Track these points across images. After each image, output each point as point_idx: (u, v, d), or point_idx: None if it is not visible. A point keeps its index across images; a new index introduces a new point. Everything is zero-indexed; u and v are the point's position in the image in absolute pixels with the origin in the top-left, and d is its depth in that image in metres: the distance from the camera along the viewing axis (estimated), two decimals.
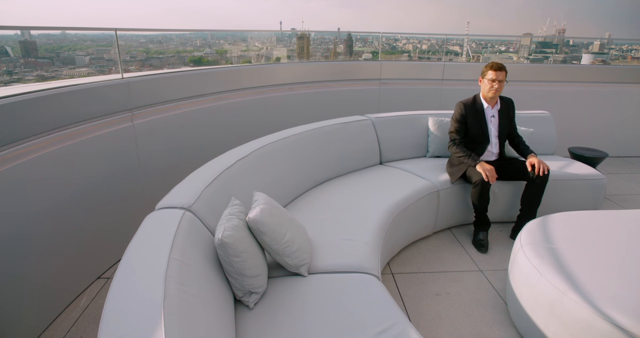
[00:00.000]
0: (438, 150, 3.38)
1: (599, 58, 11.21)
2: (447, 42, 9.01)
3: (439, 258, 2.71)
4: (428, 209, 2.82)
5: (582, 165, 3.33)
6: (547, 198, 3.06)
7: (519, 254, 2.12)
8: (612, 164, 4.78)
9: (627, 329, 1.55)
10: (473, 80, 4.72)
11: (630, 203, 3.65)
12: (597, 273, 1.84)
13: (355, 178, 2.93)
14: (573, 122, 4.87)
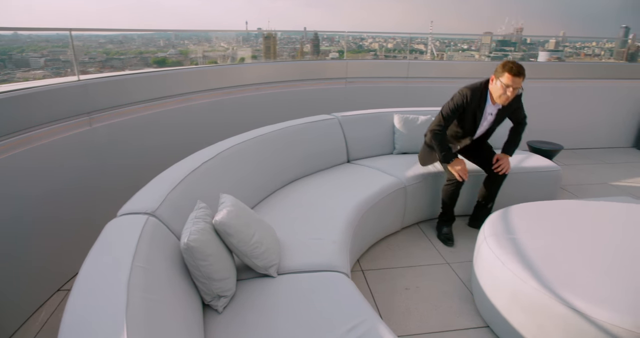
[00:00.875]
0: (405, 147, 3.45)
1: (554, 55, 11.70)
2: (412, 40, 9.14)
3: (408, 253, 2.77)
4: (396, 205, 2.87)
5: (540, 157, 3.48)
6: (508, 190, 3.18)
7: (482, 246, 2.19)
8: (567, 156, 5.01)
9: (583, 312, 1.64)
10: (436, 78, 4.83)
11: (583, 193, 3.84)
12: (555, 261, 1.93)
13: (323, 177, 2.95)
14: (531, 116, 5.05)
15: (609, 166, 4.73)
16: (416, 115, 3.49)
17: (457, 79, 4.87)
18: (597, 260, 1.93)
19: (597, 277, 1.80)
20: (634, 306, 1.62)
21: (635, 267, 1.88)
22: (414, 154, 3.44)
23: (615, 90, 5.35)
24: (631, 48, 11.55)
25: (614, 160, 4.98)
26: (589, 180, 4.25)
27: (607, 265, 1.89)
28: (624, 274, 1.82)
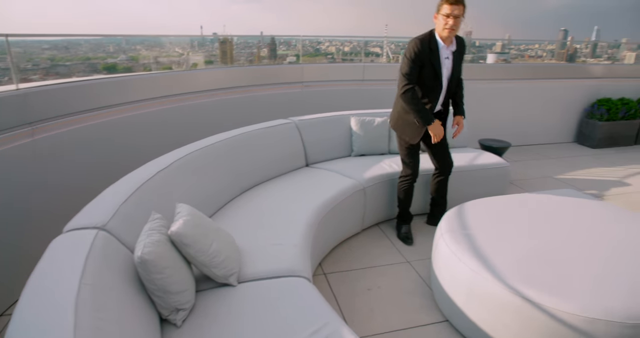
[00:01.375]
0: (362, 149, 3.50)
1: (501, 57, 12.29)
2: (368, 44, 9.28)
3: (369, 254, 2.81)
4: (355, 207, 2.91)
5: (490, 155, 3.65)
6: (463, 187, 3.32)
7: (439, 242, 2.27)
8: (515, 152, 5.28)
9: (534, 301, 1.73)
10: (391, 80, 4.93)
11: (531, 186, 4.06)
12: (508, 253, 2.02)
13: (283, 182, 2.94)
14: (482, 116, 5.30)
15: (553, 160, 5.02)
16: (372, 117, 3.55)
17: None
18: (545, 250, 2.04)
19: (546, 266, 1.91)
20: (579, 292, 1.73)
21: (580, 254, 2.00)
22: (372, 155, 3.50)
23: (557, 89, 5.69)
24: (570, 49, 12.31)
25: (558, 154, 5.30)
26: (536, 174, 4.49)
27: (555, 254, 2.00)
28: (570, 262, 1.94)
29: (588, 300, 1.69)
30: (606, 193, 3.99)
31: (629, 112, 5.63)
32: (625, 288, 1.75)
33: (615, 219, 2.39)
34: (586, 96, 5.83)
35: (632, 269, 1.88)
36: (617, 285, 1.77)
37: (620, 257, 1.98)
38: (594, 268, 1.89)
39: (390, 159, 3.38)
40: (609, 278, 1.81)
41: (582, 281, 1.80)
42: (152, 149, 3.09)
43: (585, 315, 1.65)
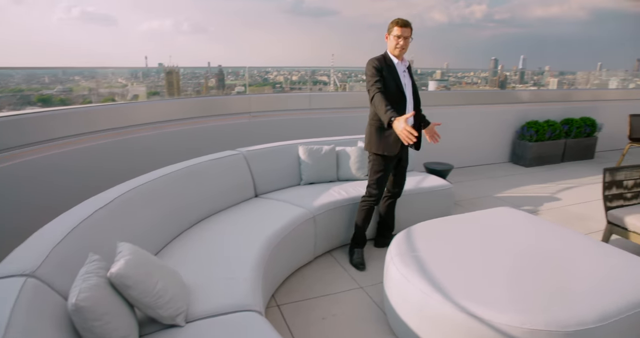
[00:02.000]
0: (311, 177, 3.53)
1: (441, 84, 13.04)
2: (316, 72, 9.51)
3: (322, 282, 2.80)
4: (306, 236, 2.91)
5: (435, 177, 3.81)
6: (410, 210, 3.42)
7: (390, 266, 2.31)
8: (457, 174, 5.55)
9: (481, 317, 1.79)
10: (339, 108, 5.09)
11: (474, 206, 4.26)
12: (456, 272, 2.10)
13: (231, 213, 2.89)
14: (426, 140, 5.55)
15: (492, 180, 5.34)
16: (320, 145, 3.62)
17: (357, 109, 5.18)
18: (489, 267, 2.14)
19: (491, 283, 1.99)
20: (521, 305, 1.82)
21: (520, 268, 2.12)
22: (321, 183, 3.54)
23: (492, 114, 6.12)
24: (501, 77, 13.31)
25: (495, 174, 5.64)
26: (477, 194, 4.74)
27: (498, 270, 2.10)
28: (512, 276, 2.04)
29: (529, 312, 1.77)
30: (540, 208, 4.28)
31: (554, 133, 6.15)
32: (563, 298, 1.86)
33: (550, 234, 2.56)
34: (517, 119, 6.31)
35: (567, 280, 2.01)
36: (555, 296, 1.88)
37: (555, 269, 2.11)
38: (533, 281, 2.00)
39: (339, 185, 3.44)
40: (548, 290, 1.92)
41: (524, 294, 1.90)
42: (90, 186, 2.94)
43: (527, 327, 1.73)
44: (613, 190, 3.30)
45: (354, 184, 3.47)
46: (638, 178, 3.39)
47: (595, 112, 6.96)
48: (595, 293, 1.91)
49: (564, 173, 5.74)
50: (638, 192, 3.40)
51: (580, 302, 1.84)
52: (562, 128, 6.25)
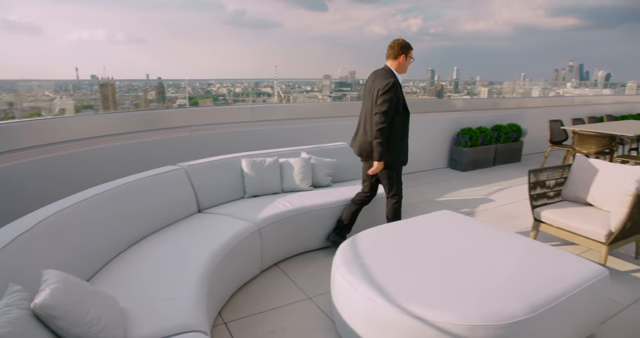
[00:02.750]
0: (255, 190, 3.50)
1: None
2: (259, 84, 9.47)
3: (270, 296, 2.77)
4: (252, 249, 2.87)
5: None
6: (357, 218, 3.48)
7: (336, 275, 2.33)
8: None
9: (426, 319, 1.85)
10: (282, 120, 5.10)
11: (417, 211, 4.43)
12: (400, 276, 2.16)
13: (174, 230, 2.79)
14: None
15: (433, 185, 5.59)
16: (263, 157, 3.61)
17: (301, 120, 5.23)
18: (430, 269, 2.22)
19: (433, 284, 2.07)
20: (460, 303, 1.91)
21: (459, 268, 2.22)
22: (265, 195, 3.52)
23: (430, 122, 6.42)
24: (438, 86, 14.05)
25: (435, 179, 5.91)
26: (420, 199, 4.93)
27: (438, 271, 2.19)
28: (452, 276, 2.14)
29: (468, 309, 1.87)
30: (476, 210, 4.54)
31: (486, 138, 6.57)
32: (496, 294, 1.98)
33: (484, 234, 2.72)
34: (453, 126, 6.67)
35: (500, 276, 2.15)
36: (489, 292, 1.99)
37: (489, 267, 2.25)
38: (470, 280, 2.11)
39: (283, 197, 3.44)
40: (483, 287, 2.04)
41: (462, 293, 1.99)
42: (13, 210, 2.71)
43: (466, 323, 1.82)
44: (537, 189, 3.58)
45: (298, 195, 3.49)
46: (558, 178, 3.71)
47: (520, 118, 7.54)
48: (525, 286, 2.05)
49: (495, 176, 6.15)
50: (559, 190, 3.71)
51: (512, 296, 1.97)
52: (493, 134, 6.69)
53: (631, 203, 2.89)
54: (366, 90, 3.19)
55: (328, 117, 5.49)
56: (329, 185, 3.86)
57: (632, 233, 3.15)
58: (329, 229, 3.41)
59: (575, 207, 3.46)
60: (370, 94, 3.08)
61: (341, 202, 3.45)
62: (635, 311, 2.61)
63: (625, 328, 2.43)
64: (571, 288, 2.09)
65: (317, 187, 3.81)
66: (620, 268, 3.19)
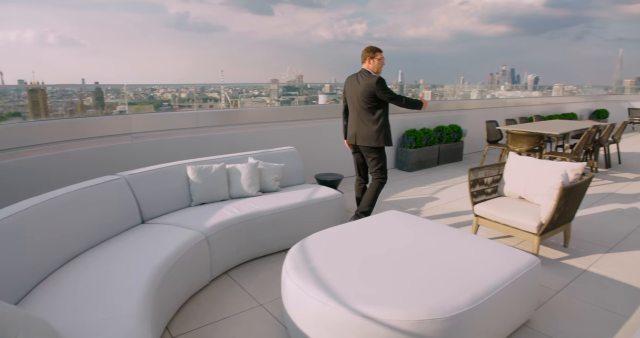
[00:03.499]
0: (202, 197, 3.42)
1: (331, 97, 13.65)
2: (205, 89, 9.25)
3: (221, 305, 2.70)
4: (200, 259, 2.79)
5: (327, 188, 3.97)
6: (304, 222, 3.50)
7: (286, 280, 2.32)
8: (348, 183, 5.84)
9: (375, 318, 1.88)
10: (229, 125, 5.02)
11: None
12: (349, 278, 2.19)
13: (115, 243, 2.65)
14: (317, 152, 5.77)
15: None
16: (209, 164, 3.53)
17: (248, 125, 5.18)
18: (378, 268, 2.27)
19: (380, 283, 2.12)
20: (406, 300, 1.97)
21: (405, 266, 2.29)
22: (212, 203, 3.44)
23: None
24: None
25: None
26: None
27: (386, 270, 2.25)
28: (398, 274, 2.20)
29: (414, 305, 1.93)
30: (422, 208, 4.71)
31: (429, 139, 6.85)
32: (441, 288, 2.07)
33: (429, 231, 2.83)
34: (399, 128, 6.89)
35: (443, 271, 2.24)
36: (435, 287, 2.07)
37: (432, 263, 2.34)
38: (416, 276, 2.19)
39: (232, 204, 3.38)
40: (428, 282, 2.12)
41: (408, 290, 2.06)
42: None
43: (413, 319, 1.88)
44: (477, 187, 3.78)
45: (247, 201, 3.45)
46: (495, 175, 3.94)
47: (460, 119, 7.95)
48: (466, 279, 2.16)
49: (439, 175, 6.42)
50: (496, 187, 3.95)
51: (455, 289, 2.06)
52: (435, 135, 7.00)
53: (558, 196, 3.13)
54: (349, 92, 3.85)
55: (276, 122, 5.48)
56: (277, 190, 3.85)
57: (560, 223, 3.42)
58: (280, 234, 3.39)
59: (510, 202, 3.70)
60: (355, 93, 3.76)
61: (290, 206, 3.45)
62: (565, 295, 2.83)
63: (557, 312, 2.63)
64: (508, 278, 2.22)
65: (266, 192, 3.79)
66: (551, 256, 3.45)
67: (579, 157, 5.93)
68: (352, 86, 3.78)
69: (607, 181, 6.06)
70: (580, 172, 3.45)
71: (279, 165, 3.94)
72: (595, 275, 3.12)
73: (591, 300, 2.76)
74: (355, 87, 3.73)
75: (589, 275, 3.13)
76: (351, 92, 3.80)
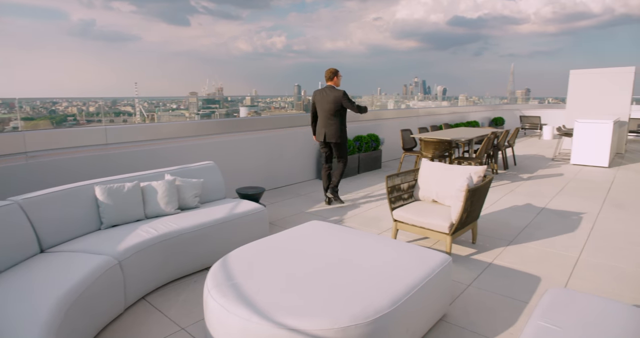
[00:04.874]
0: (114, 219, 3.17)
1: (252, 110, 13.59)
2: (118, 102, 8.70)
3: (138, 334, 2.51)
4: (112, 286, 2.57)
5: (248, 202, 3.90)
6: (226, 238, 3.41)
7: (208, 300, 2.23)
8: (272, 195, 5.83)
9: (300, 330, 1.88)
10: (144, 141, 4.73)
11: (288, 224, 4.52)
12: (272, 291, 2.16)
13: (8, 278, 2.34)
14: (238, 166, 5.67)
15: (303, 197, 5.78)
16: (121, 182, 3.30)
17: (165, 140, 4.93)
18: (301, 279, 2.28)
19: (304, 294, 2.12)
20: (330, 309, 1.99)
21: (328, 275, 2.32)
22: (126, 224, 3.22)
23: (298, 135, 6.67)
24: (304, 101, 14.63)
25: (305, 191, 6.14)
26: (291, 212, 5.05)
27: (309, 281, 2.25)
28: (322, 284, 2.22)
29: (337, 313, 1.96)
30: (344, 217, 4.83)
31: (349, 149, 7.08)
32: (362, 293, 2.12)
33: (351, 239, 2.90)
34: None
35: (364, 276, 2.31)
36: (355, 293, 2.12)
37: (354, 269, 2.40)
38: (338, 284, 2.22)
39: (147, 224, 3.19)
40: (350, 289, 2.17)
41: (333, 298, 2.09)
42: None
43: (337, 326, 1.91)
44: (394, 193, 3.98)
45: (165, 220, 3.27)
46: (410, 180, 4.18)
47: (378, 129, 8.34)
48: (387, 282, 2.24)
49: (360, 183, 6.66)
50: (411, 192, 4.19)
51: (376, 292, 2.14)
52: (355, 144, 7.25)
53: (465, 198, 3.41)
54: (319, 102, 5.08)
55: (195, 136, 5.29)
56: (197, 207, 3.71)
57: (468, 222, 3.72)
58: (201, 252, 3.26)
59: (424, 206, 3.94)
60: (325, 103, 5.00)
61: (210, 222, 3.34)
62: (475, 288, 3.07)
63: (469, 304, 2.84)
64: (424, 277, 2.36)
65: (185, 209, 3.63)
66: (462, 253, 3.73)
67: (482, 160, 6.53)
68: (322, 97, 5.01)
69: (505, 181, 6.73)
70: (482, 175, 3.79)
71: (198, 181, 3.80)
72: (499, 267, 3.43)
73: (497, 290, 3.02)
74: (325, 98, 4.98)
75: (494, 267, 3.43)
76: (321, 102, 5.03)
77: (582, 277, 3.25)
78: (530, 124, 13.75)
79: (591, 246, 3.88)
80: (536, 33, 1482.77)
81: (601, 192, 6.02)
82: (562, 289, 2.26)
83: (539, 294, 2.95)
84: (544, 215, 4.84)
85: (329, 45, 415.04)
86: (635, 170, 7.79)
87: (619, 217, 4.77)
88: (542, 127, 13.30)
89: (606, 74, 9.92)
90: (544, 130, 12.96)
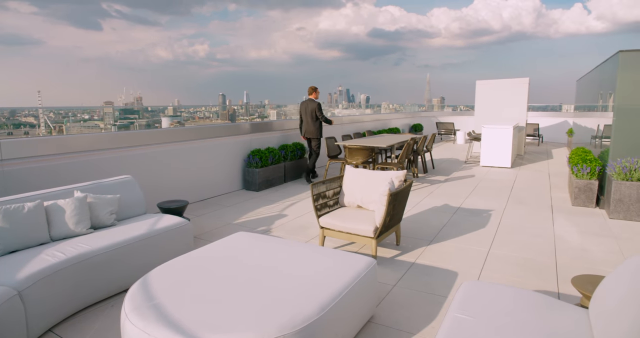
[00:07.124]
0: (13, 244, 2.83)
1: (175, 120, 13.04)
2: (17, 112, 8.02)
3: None
4: (10, 320, 2.28)
5: (171, 216, 3.72)
6: (148, 255, 3.21)
7: (126, 325, 2.08)
8: (196, 208, 5.62)
9: None
10: (49, 155, 4.29)
11: (214, 236, 4.38)
12: (196, 307, 2.07)
13: None
14: (159, 179, 5.38)
15: (229, 208, 5.65)
16: (20, 203, 2.97)
17: (76, 154, 4.53)
18: (226, 293, 2.21)
19: (229, 308, 2.06)
20: (258, 321, 1.95)
21: (254, 286, 2.27)
22: (27, 249, 2.89)
23: (222, 145, 6.51)
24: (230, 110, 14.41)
25: (231, 202, 6.01)
26: (217, 224, 4.91)
27: (234, 294, 2.19)
28: (248, 296, 2.17)
29: (265, 324, 1.93)
30: (272, 227, 4.80)
31: (275, 158, 7.07)
32: (289, 303, 2.11)
33: (278, 249, 2.88)
34: (244, 149, 6.95)
35: (291, 285, 2.30)
36: (283, 303, 2.11)
37: (281, 279, 2.38)
38: (265, 295, 2.19)
39: (54, 247, 2.89)
40: (277, 300, 2.14)
41: (260, 309, 2.05)
42: None
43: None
44: (320, 200, 4.03)
45: (75, 241, 3.00)
46: (335, 187, 4.27)
47: None
48: (314, 289, 2.26)
49: (287, 192, 6.67)
50: (337, 198, 4.28)
51: (304, 301, 2.14)
52: (280, 153, 7.26)
53: (387, 202, 3.56)
54: (303, 111, 7.16)
55: (111, 149, 4.92)
56: (113, 225, 3.45)
57: (392, 225, 3.89)
58: (119, 274, 3.03)
59: (349, 211, 4.05)
60: (307, 111, 7.10)
61: (128, 240, 3.13)
62: (399, 288, 3.21)
63: (395, 304, 2.95)
64: (350, 282, 2.41)
65: (99, 228, 3.36)
66: (387, 255, 3.88)
67: (403, 165, 6.89)
68: (305, 107, 7.14)
69: (425, 184, 7.16)
70: (403, 179, 3.99)
71: (114, 197, 3.55)
72: (421, 266, 3.62)
73: (420, 288, 3.19)
74: (307, 108, 7.10)
75: (416, 266, 3.62)
76: (305, 110, 7.13)
77: (492, 269, 3.55)
78: (445, 129, 14.82)
79: (499, 240, 4.26)
80: (447, 46, 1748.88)
81: (506, 190, 6.65)
82: (475, 282, 2.45)
83: (456, 288, 3.16)
84: (459, 215, 5.22)
85: (253, 54, 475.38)
86: (533, 169, 8.73)
87: (521, 213, 5.30)
88: (455, 132, 14.41)
89: (506, 84, 11.04)
90: (457, 135, 14.06)
